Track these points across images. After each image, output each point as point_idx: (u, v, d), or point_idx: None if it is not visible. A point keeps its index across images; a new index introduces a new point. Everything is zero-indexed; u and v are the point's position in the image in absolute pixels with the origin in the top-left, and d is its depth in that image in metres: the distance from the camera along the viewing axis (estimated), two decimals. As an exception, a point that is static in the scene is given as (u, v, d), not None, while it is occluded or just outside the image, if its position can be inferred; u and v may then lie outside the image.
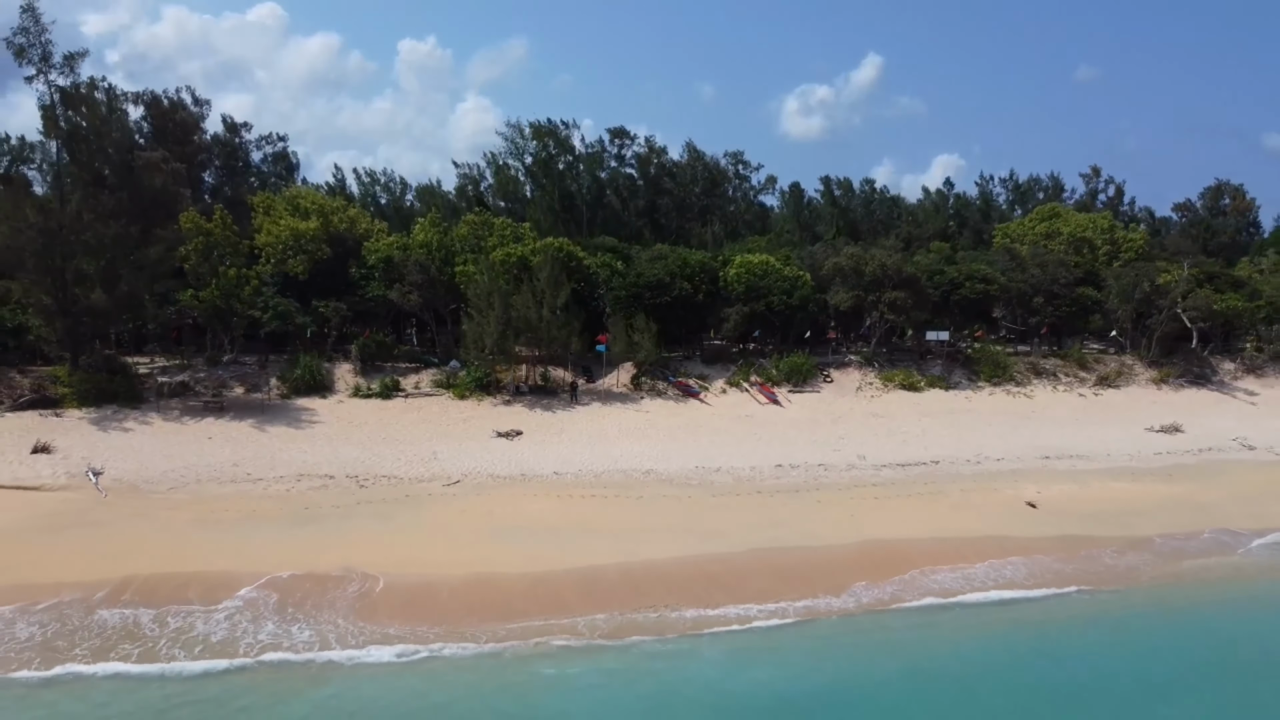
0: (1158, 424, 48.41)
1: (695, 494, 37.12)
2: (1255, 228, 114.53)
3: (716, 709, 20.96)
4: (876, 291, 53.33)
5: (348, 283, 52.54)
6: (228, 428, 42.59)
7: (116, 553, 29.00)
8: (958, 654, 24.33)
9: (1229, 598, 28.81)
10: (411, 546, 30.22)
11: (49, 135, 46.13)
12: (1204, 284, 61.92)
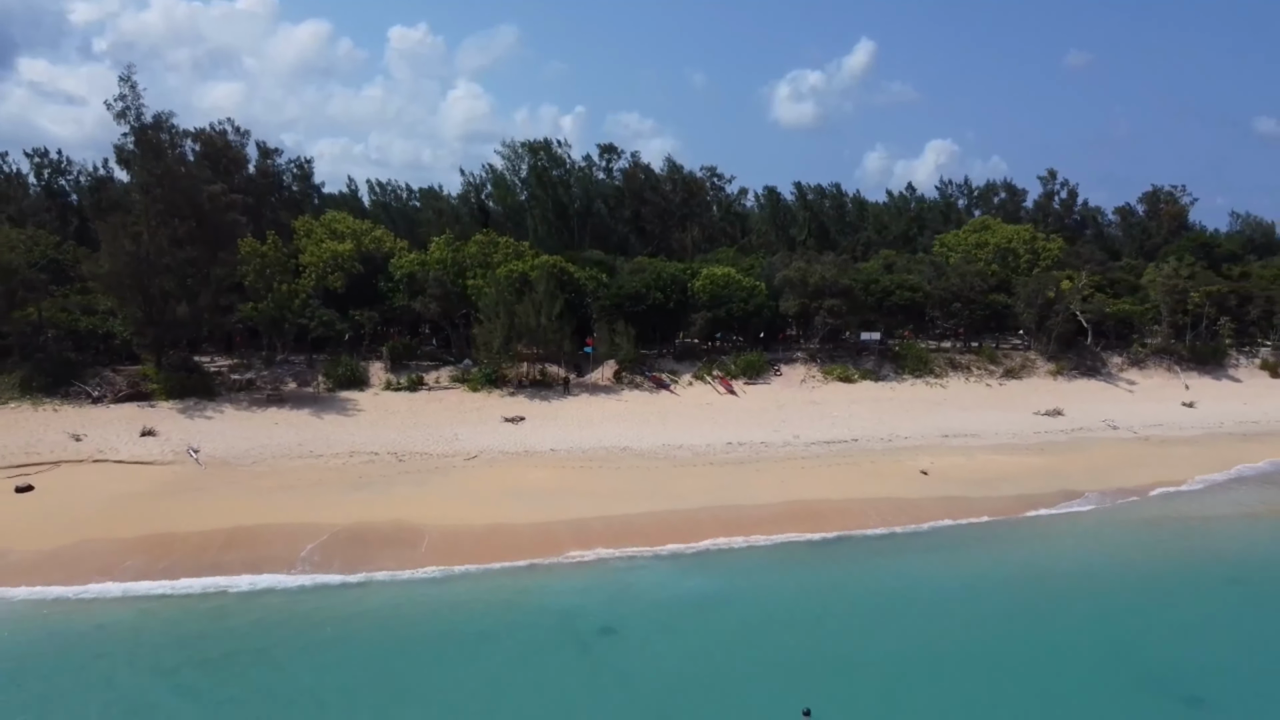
0: (1044, 409, 58.39)
1: (662, 465, 47.03)
2: (1187, 229, 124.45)
3: (658, 602, 30.89)
4: (819, 299, 63.08)
5: (377, 294, 62.20)
6: (289, 415, 52.38)
7: (224, 510, 38.85)
8: (848, 570, 34.38)
9: (1047, 535, 38.85)
10: (442, 505, 40.06)
11: (134, 179, 55.67)
12: (1103, 289, 71.77)
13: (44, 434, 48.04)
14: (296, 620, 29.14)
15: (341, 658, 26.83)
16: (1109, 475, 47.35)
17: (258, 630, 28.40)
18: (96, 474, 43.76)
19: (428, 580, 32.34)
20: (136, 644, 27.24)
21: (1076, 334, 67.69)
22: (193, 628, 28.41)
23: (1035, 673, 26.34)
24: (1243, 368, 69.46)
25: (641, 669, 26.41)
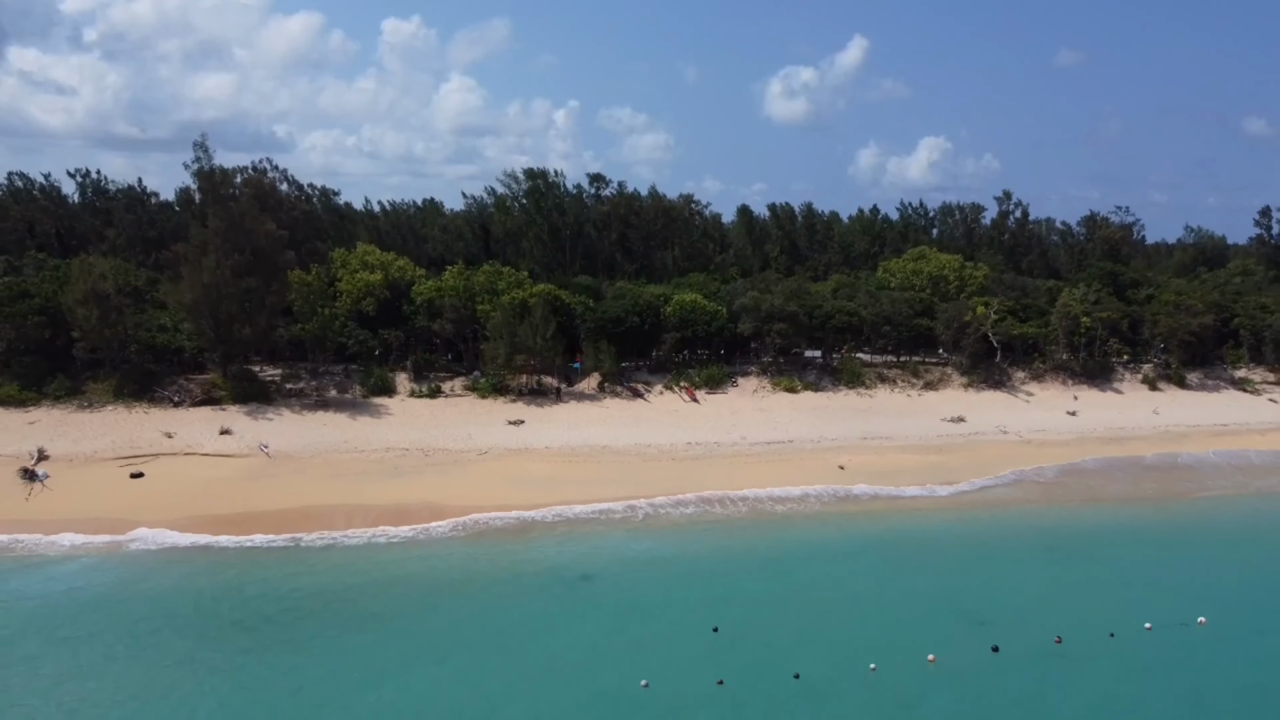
0: (951, 416, 69.98)
1: (633, 460, 58.58)
2: (1118, 252, 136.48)
3: (620, 558, 42.45)
4: (770, 323, 74.45)
5: (401, 315, 73.47)
6: (334, 417, 63.80)
7: (294, 492, 50.36)
8: (758, 535, 45.99)
9: (913, 511, 50.44)
10: (461, 489, 51.55)
11: (202, 224, 66.97)
12: (1014, 313, 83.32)
13: (141, 432, 59.42)
14: (362, 565, 40.77)
15: (393, 588, 38.41)
16: (985, 467, 59.14)
17: (332, 569, 40.00)
18: (189, 464, 55.21)
19: (443, 540, 44.05)
20: (253, 573, 38.81)
21: (988, 352, 79.17)
22: (287, 564, 40.00)
23: (884, 607, 37.95)
24: (1126, 381, 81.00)
25: (609, 602, 37.96)
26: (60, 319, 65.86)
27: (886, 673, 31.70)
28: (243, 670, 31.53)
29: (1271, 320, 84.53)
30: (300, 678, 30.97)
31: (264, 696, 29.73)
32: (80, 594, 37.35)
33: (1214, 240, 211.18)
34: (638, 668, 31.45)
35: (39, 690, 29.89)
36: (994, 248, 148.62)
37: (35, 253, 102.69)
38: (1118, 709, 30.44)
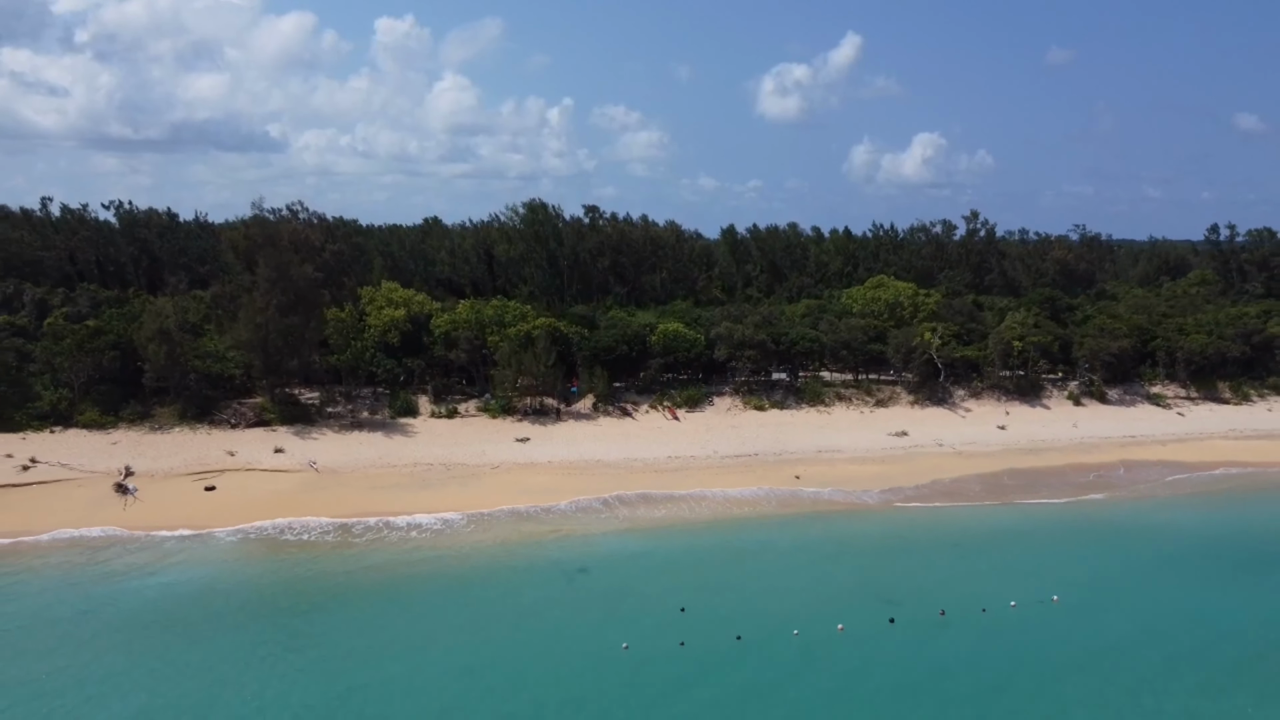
0: (895, 430, 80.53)
1: (621, 472, 68.96)
2: (1070, 272, 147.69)
3: (611, 553, 52.88)
4: (741, 349, 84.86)
5: (421, 345, 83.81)
6: (368, 436, 74.15)
7: (341, 500, 60.74)
8: (726, 534, 56.40)
9: (858, 517, 60.89)
10: (478, 497, 61.94)
11: (250, 270, 77.24)
12: (959, 336, 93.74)
13: (207, 451, 69.78)
14: (405, 554, 51.23)
15: (424, 574, 48.84)
16: (915, 478, 69.68)
17: (377, 555, 50.45)
18: (251, 479, 65.56)
19: (464, 540, 54.52)
20: (323, 557, 49.23)
21: (934, 372, 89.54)
22: (342, 554, 50.45)
23: (812, 589, 48.36)
24: (1054, 398, 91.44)
25: (601, 588, 48.37)
26: (131, 352, 76.21)
27: (805, 637, 42.17)
28: (313, 636, 42.02)
29: (1185, 342, 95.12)
30: (359, 642, 41.40)
31: (327, 660, 40.18)
32: (180, 584, 47.81)
33: (1176, 249, 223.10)
34: (621, 635, 41.90)
35: (165, 651, 40.34)
36: (962, 265, 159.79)
37: (85, 285, 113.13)
38: (978, 664, 40.87)
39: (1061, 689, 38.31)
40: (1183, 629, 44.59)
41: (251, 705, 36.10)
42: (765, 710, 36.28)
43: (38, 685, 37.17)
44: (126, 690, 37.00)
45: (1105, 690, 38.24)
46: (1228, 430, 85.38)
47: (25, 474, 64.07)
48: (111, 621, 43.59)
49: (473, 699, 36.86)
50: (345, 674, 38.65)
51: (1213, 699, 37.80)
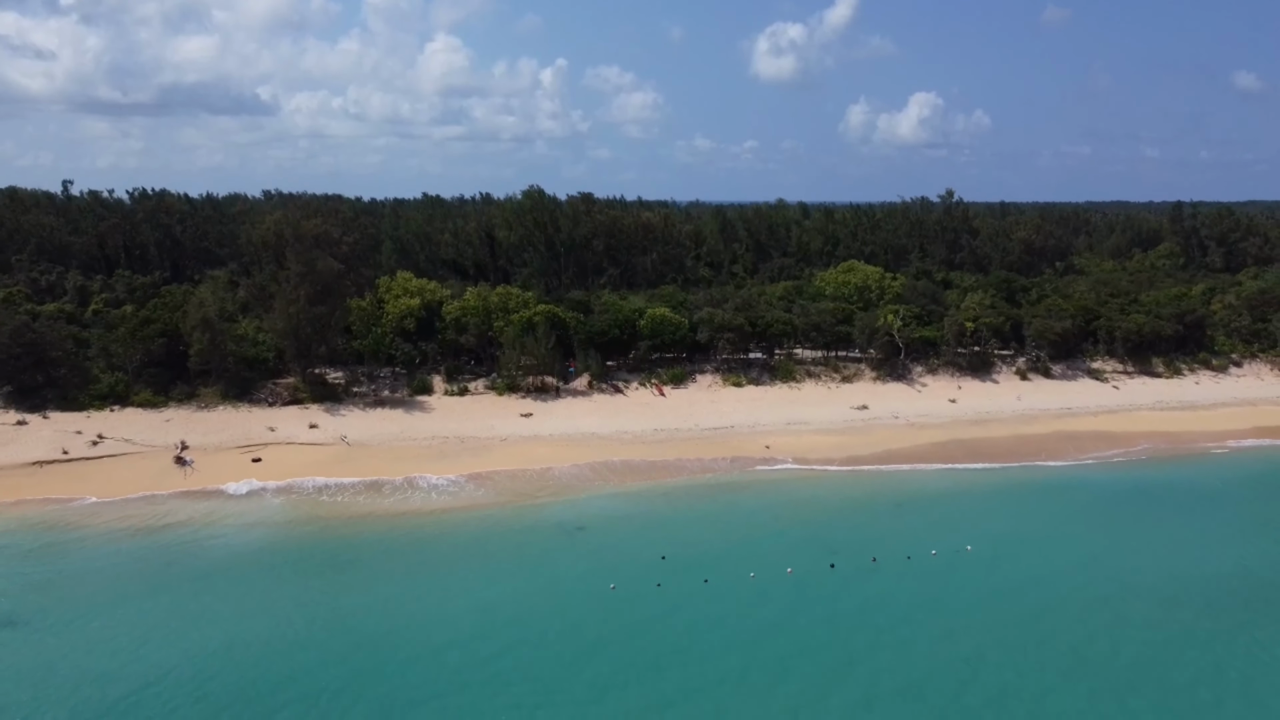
0: (857, 404, 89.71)
1: (612, 444, 78.13)
2: (1033, 250, 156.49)
3: (605, 514, 62.26)
4: (721, 332, 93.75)
5: (434, 330, 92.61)
6: (390, 413, 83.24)
7: (370, 469, 69.97)
8: (706, 498, 65.79)
9: (815, 482, 70.19)
10: (488, 465, 71.19)
11: (279, 264, 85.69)
12: (919, 317, 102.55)
13: (250, 427, 78.88)
14: (428, 515, 60.60)
15: (445, 530, 58.23)
16: (872, 447, 78.98)
17: (386, 520, 59.83)
18: (291, 451, 74.68)
19: (477, 503, 63.88)
20: (333, 530, 58.60)
21: (895, 351, 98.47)
22: (347, 526, 59.83)
23: (769, 541, 57.69)
24: (1003, 373, 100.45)
25: (596, 543, 57.73)
26: (177, 337, 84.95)
27: (760, 579, 51.63)
28: (360, 581, 51.47)
29: (1124, 322, 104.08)
30: (394, 586, 50.81)
31: (370, 597, 49.63)
32: (242, 538, 57.21)
33: (1149, 221, 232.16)
34: (610, 578, 51.29)
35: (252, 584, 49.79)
36: (937, 241, 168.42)
37: (121, 271, 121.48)
38: (896, 600, 50.30)
39: (957, 621, 47.76)
40: (1068, 573, 54.07)
41: (313, 637, 45.57)
42: (725, 636, 45.74)
43: (146, 622, 46.63)
44: (213, 625, 46.42)
45: (993, 621, 47.72)
46: (1155, 402, 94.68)
47: (95, 449, 73.18)
48: (191, 570, 52.96)
49: (489, 629, 46.25)
50: (385, 610, 48.11)
51: (1082, 628, 47.27)
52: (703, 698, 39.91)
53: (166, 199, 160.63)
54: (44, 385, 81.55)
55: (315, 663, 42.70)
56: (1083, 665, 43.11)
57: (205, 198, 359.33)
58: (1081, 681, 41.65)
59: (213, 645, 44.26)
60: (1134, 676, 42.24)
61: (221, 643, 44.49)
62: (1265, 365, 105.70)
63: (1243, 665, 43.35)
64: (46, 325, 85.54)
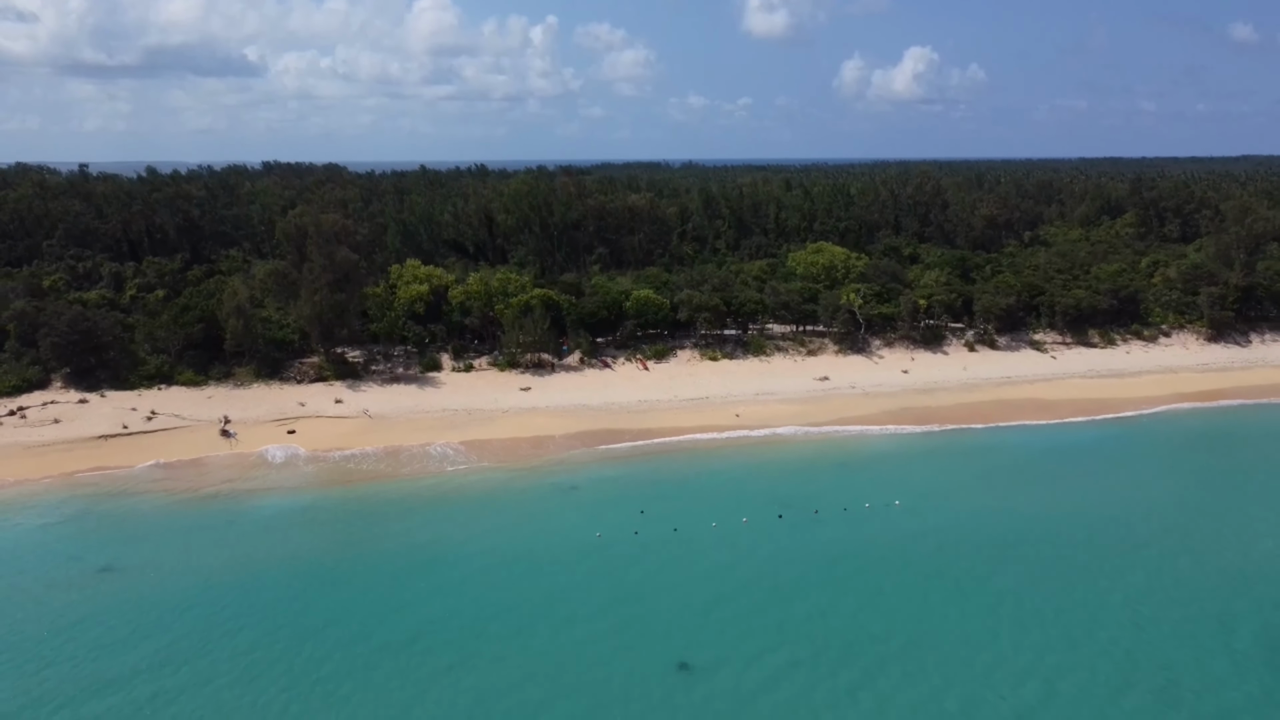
0: (819, 376, 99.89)
1: (601, 413, 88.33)
2: (997, 224, 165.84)
3: (595, 475, 72.72)
4: (699, 312, 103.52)
5: (441, 313, 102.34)
6: (404, 389, 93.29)
7: (392, 438, 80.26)
8: (681, 462, 76.26)
9: (774, 447, 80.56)
10: (491, 434, 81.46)
11: (300, 253, 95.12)
12: (879, 295, 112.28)
13: (282, 402, 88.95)
14: (442, 477, 71.00)
15: (457, 489, 68.68)
16: (828, 414, 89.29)
17: (408, 483, 70.24)
18: (320, 424, 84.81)
19: (485, 467, 74.27)
20: (368, 493, 69.00)
21: (857, 326, 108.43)
22: (375, 488, 70.20)
23: (731, 497, 68.07)
24: (953, 346, 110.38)
25: (586, 500, 68.18)
26: (213, 322, 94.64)
27: (720, 528, 62.08)
28: (379, 535, 62.00)
29: (1064, 297, 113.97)
30: (418, 535, 61.30)
31: (398, 548, 60.16)
32: (287, 499, 67.65)
33: (1118, 189, 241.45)
34: (596, 528, 61.74)
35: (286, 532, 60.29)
36: (911, 215, 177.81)
37: (151, 258, 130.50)
38: (831, 544, 60.82)
39: (873, 559, 58.31)
40: (974, 520, 64.56)
41: (354, 575, 56.13)
42: (687, 574, 56.26)
43: (215, 566, 57.15)
44: (270, 567, 56.92)
45: (902, 560, 58.20)
46: (1087, 370, 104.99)
47: (150, 423, 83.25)
48: (248, 525, 63.37)
49: (496, 568, 56.71)
50: (409, 554, 58.65)
51: (971, 563, 57.84)
52: (665, 620, 50.49)
53: (183, 186, 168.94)
54: (97, 367, 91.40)
55: (356, 595, 53.27)
56: (964, 591, 53.69)
57: (207, 171, 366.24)
58: (961, 603, 52.28)
59: (271, 582, 54.85)
60: (1003, 596, 52.82)
61: (279, 580, 55.06)
62: (1192, 335, 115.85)
63: (1101, 588, 53.96)
64: (96, 313, 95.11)
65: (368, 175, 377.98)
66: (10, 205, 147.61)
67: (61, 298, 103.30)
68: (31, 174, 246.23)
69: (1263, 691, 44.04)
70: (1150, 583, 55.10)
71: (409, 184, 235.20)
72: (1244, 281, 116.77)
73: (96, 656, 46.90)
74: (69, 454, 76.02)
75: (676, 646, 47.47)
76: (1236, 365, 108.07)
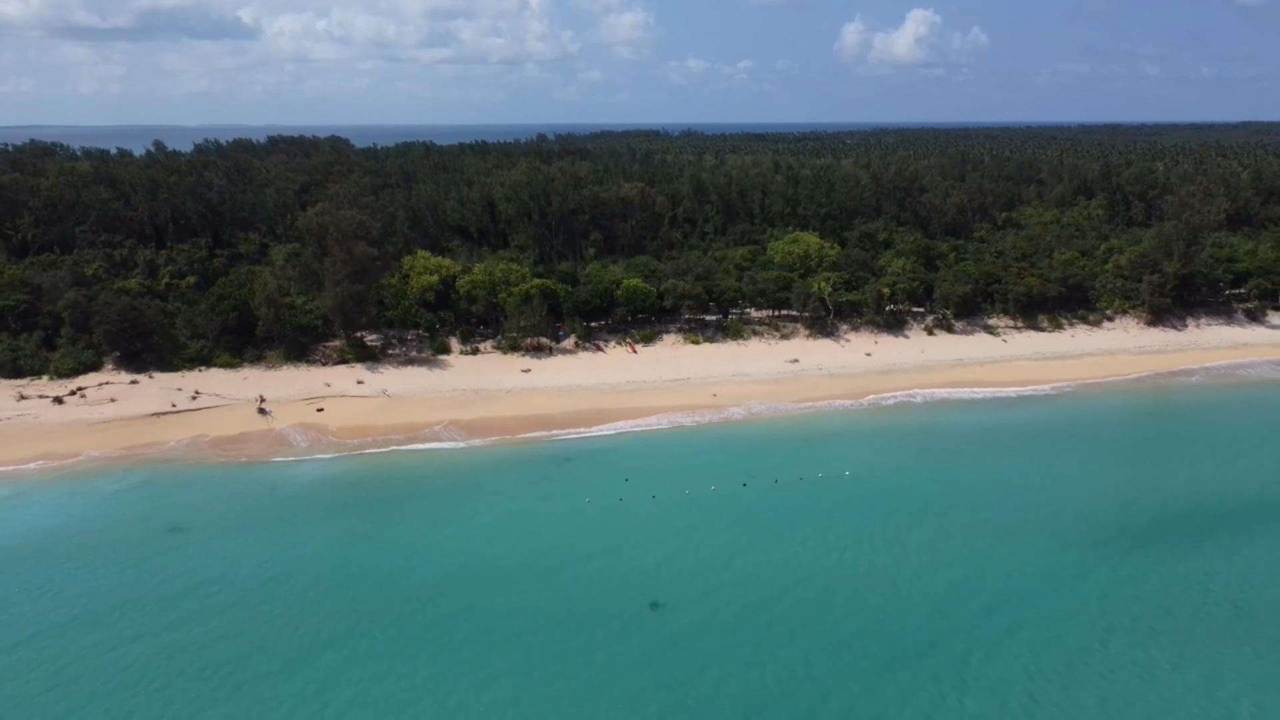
0: (790, 358, 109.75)
1: (592, 393, 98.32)
2: (964, 212, 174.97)
3: (588, 448, 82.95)
4: (682, 299, 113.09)
5: (449, 300, 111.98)
6: (418, 370, 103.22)
7: (409, 416, 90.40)
8: (663, 436, 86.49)
9: (744, 424, 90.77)
10: (497, 412, 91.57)
11: (321, 246, 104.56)
12: (848, 284, 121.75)
13: (310, 382, 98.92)
14: (455, 451, 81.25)
15: (456, 461, 78.95)
16: (796, 394, 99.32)
17: (425, 454, 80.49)
18: (344, 403, 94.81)
19: (491, 442, 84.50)
20: (390, 464, 79.27)
21: (826, 312, 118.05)
22: (396, 459, 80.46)
23: (704, 469, 78.21)
24: (914, 330, 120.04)
25: (579, 470, 78.40)
26: (246, 310, 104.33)
27: (692, 494, 72.31)
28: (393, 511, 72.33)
29: (1017, 284, 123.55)
30: (434, 500, 71.60)
31: (419, 508, 70.50)
32: (320, 473, 77.89)
33: (1093, 170, 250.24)
34: (586, 494, 71.98)
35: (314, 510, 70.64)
36: (890, 199, 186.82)
37: (180, 246, 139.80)
38: (786, 507, 71.10)
39: (819, 521, 68.63)
40: (909, 488, 74.81)
41: (382, 533, 66.54)
42: (661, 531, 66.60)
43: (265, 526, 67.52)
44: (311, 525, 67.30)
45: (845, 521, 68.56)
46: (1033, 353, 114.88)
47: (194, 402, 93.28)
48: (288, 492, 73.64)
49: (501, 528, 67.08)
50: (429, 515, 69.00)
51: (899, 523, 68.11)
52: (641, 569, 60.87)
53: (205, 175, 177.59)
54: (144, 351, 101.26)
55: (385, 549, 63.72)
56: (888, 541, 64.16)
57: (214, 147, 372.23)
58: (885, 551, 62.73)
59: (312, 538, 65.44)
60: (922, 548, 63.20)
61: (319, 537, 65.59)
62: (1133, 320, 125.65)
63: (981, 532, 64.35)
64: (141, 302, 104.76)
65: (371, 150, 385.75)
66: (44, 194, 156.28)
67: (104, 286, 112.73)
68: (57, 158, 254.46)
69: (1062, 581, 54.63)
70: (1018, 523, 65.45)
71: (414, 165, 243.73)
72: (1182, 270, 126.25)
73: (174, 599, 57.38)
74: (127, 429, 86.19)
75: (650, 589, 57.95)
76: (1170, 348, 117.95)
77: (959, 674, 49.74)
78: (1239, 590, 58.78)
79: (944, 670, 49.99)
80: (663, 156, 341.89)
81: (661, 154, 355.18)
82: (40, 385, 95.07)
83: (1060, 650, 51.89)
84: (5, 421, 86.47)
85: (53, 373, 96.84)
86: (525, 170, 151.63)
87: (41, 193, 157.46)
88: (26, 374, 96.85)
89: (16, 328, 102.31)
